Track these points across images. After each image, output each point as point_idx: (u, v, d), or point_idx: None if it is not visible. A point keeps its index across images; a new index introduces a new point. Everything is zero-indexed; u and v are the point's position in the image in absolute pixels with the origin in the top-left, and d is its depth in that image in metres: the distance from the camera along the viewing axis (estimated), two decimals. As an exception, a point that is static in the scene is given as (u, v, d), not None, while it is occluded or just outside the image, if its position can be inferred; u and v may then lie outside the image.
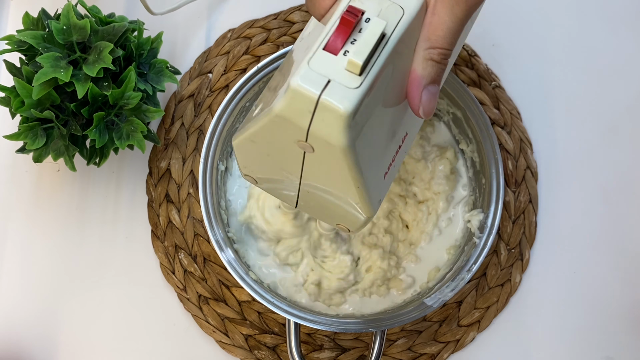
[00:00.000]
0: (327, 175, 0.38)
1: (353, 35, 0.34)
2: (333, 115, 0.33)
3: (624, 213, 0.60)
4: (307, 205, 0.43)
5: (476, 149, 0.56)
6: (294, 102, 0.33)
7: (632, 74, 0.63)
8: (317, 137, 0.34)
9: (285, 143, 0.36)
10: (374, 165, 0.38)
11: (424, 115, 0.36)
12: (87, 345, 0.58)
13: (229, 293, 0.58)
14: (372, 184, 0.38)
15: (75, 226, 0.59)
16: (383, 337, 0.52)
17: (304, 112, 0.33)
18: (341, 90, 0.33)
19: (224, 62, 0.61)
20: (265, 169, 0.41)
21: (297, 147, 0.36)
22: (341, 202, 0.39)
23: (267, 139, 0.37)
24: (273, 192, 0.44)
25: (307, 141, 0.35)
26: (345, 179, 0.36)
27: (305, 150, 0.36)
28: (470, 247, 0.54)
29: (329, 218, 0.44)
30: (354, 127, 0.33)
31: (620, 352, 0.58)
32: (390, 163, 0.40)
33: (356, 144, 0.34)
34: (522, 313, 0.59)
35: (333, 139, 0.33)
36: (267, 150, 0.38)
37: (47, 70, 0.48)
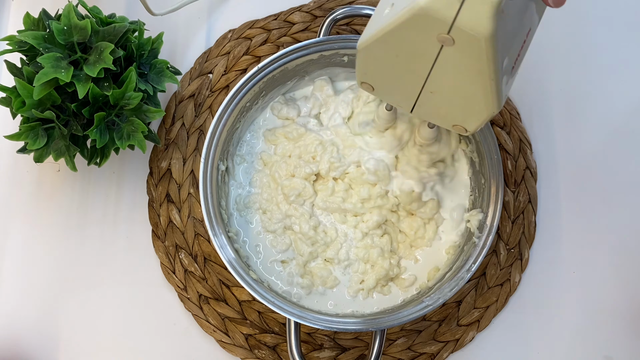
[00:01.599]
0: (462, 69, 0.38)
1: None
2: (484, 2, 0.33)
3: (623, 213, 0.60)
4: (424, 108, 0.43)
5: (476, 149, 0.56)
6: None
7: (632, 73, 0.63)
8: (463, 26, 0.34)
9: (421, 39, 0.36)
10: (506, 57, 0.38)
11: (554, 4, 0.37)
12: (87, 345, 0.58)
13: (230, 293, 0.58)
14: (502, 77, 0.39)
15: (75, 226, 0.59)
16: (383, 337, 0.52)
17: (452, 1, 0.34)
18: None
19: (224, 63, 0.61)
20: (389, 71, 0.41)
21: (436, 41, 0.36)
22: (467, 98, 0.40)
23: (402, 37, 0.37)
24: (389, 98, 0.45)
25: (450, 33, 0.35)
26: (481, 71, 0.37)
27: (444, 44, 0.36)
28: (469, 247, 0.54)
29: (446, 119, 0.44)
30: (500, 16, 0.34)
31: (620, 351, 0.58)
32: (517, 57, 0.41)
33: (499, 34, 0.35)
34: (522, 313, 0.59)
35: (481, 27, 0.34)
36: (398, 50, 0.39)
37: (48, 70, 0.48)
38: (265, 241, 0.57)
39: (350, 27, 0.62)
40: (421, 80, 0.40)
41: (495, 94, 0.39)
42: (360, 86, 0.44)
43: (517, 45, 0.40)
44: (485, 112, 0.41)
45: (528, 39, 0.42)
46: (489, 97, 0.39)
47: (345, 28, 0.62)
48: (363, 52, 0.40)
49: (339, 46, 0.55)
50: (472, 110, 0.41)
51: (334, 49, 0.55)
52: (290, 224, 0.57)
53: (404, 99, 0.44)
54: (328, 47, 0.55)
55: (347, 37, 0.55)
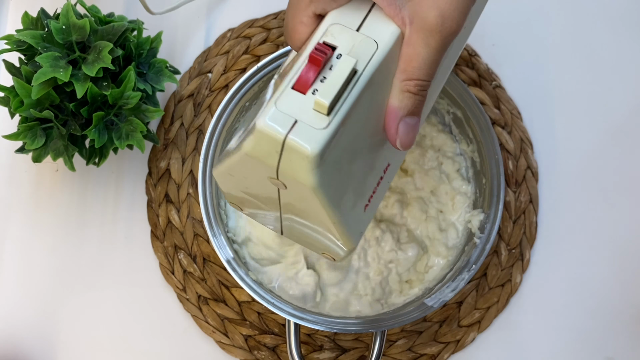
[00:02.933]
0: (304, 210, 0.37)
1: (323, 73, 0.33)
2: (300, 156, 0.32)
3: (624, 213, 0.60)
4: (291, 234, 0.43)
5: (476, 149, 0.56)
6: (261, 142, 0.33)
7: (632, 73, 0.63)
8: (287, 176, 0.33)
9: (259, 178, 0.36)
10: (351, 199, 0.37)
11: (402, 147, 0.36)
12: (87, 345, 0.57)
13: (229, 293, 0.58)
14: (351, 218, 0.37)
15: (74, 226, 0.59)
16: (383, 338, 0.52)
17: (271, 152, 0.33)
18: (308, 131, 0.32)
19: (223, 62, 0.61)
20: (247, 198, 0.41)
21: (271, 183, 0.35)
22: (321, 235, 0.39)
23: (242, 174, 0.37)
24: (258, 220, 0.44)
25: (278, 179, 0.34)
26: (320, 215, 0.36)
27: (278, 187, 0.35)
28: (470, 248, 0.54)
29: (314, 248, 0.43)
30: (324, 167, 0.33)
31: (621, 352, 0.58)
32: (370, 195, 0.39)
33: (328, 181, 0.34)
34: (523, 313, 0.58)
35: (301, 179, 0.33)
36: (245, 183, 0.38)
37: (47, 70, 0.48)
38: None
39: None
40: (277, 211, 0.40)
41: (344, 235, 0.37)
42: (231, 205, 0.43)
43: (371, 184, 0.39)
44: (341, 248, 0.40)
45: (387, 174, 0.41)
46: (338, 238, 0.38)
47: (345, 27, 0.62)
48: (217, 178, 0.40)
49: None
50: (331, 243, 0.40)
51: (334, 48, 0.55)
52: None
53: (271, 223, 0.43)
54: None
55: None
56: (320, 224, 0.37)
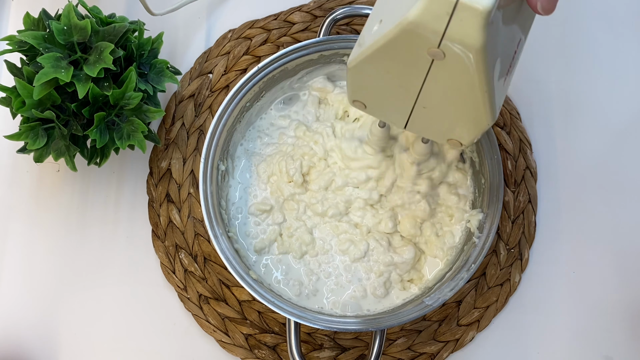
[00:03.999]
0: (454, 83, 0.37)
1: None
2: (473, 14, 0.33)
3: (623, 213, 0.60)
4: (417, 123, 0.43)
5: (475, 149, 0.56)
6: (432, 5, 0.33)
7: (632, 73, 0.63)
8: (453, 39, 0.34)
9: (412, 54, 0.36)
10: (499, 68, 0.38)
11: (543, 10, 0.36)
12: (88, 345, 0.58)
13: (230, 292, 0.58)
14: (496, 88, 0.38)
15: (75, 226, 0.59)
16: (383, 337, 0.52)
17: (441, 15, 0.33)
18: None
19: (224, 63, 0.61)
20: (381, 89, 0.41)
21: (427, 55, 0.35)
22: (461, 111, 0.39)
23: (392, 53, 0.37)
24: (381, 115, 0.44)
25: (440, 47, 0.34)
26: (473, 84, 0.36)
27: (435, 58, 0.36)
28: (469, 247, 0.54)
29: (441, 134, 0.43)
30: (490, 27, 0.33)
31: (620, 352, 0.58)
32: (508, 68, 0.40)
33: (490, 45, 0.34)
34: (522, 313, 0.59)
35: (471, 39, 0.33)
36: (388, 66, 0.38)
37: (48, 70, 0.48)
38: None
39: (350, 27, 0.62)
40: (413, 96, 0.40)
41: (488, 106, 0.38)
42: (352, 104, 0.44)
43: (509, 56, 0.40)
44: (479, 124, 0.40)
45: (519, 49, 0.41)
46: (482, 109, 0.39)
47: (345, 28, 0.62)
48: (353, 70, 0.40)
49: (338, 46, 0.55)
50: (466, 123, 0.41)
51: (334, 49, 0.55)
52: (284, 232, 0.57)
53: (396, 116, 0.43)
54: (328, 47, 0.55)
55: (347, 37, 0.55)
56: (469, 95, 0.38)
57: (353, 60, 0.39)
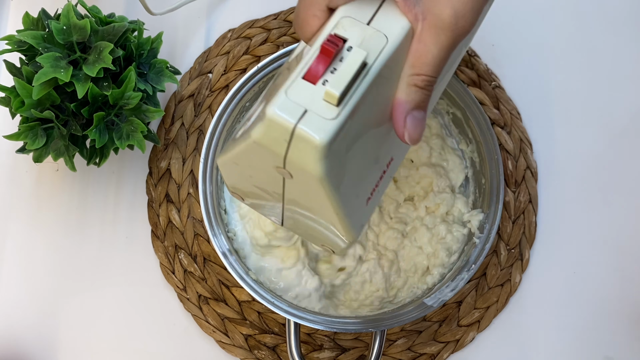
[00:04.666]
0: (307, 201, 0.37)
1: (333, 64, 0.33)
2: (308, 146, 0.32)
3: (623, 213, 0.60)
4: (292, 225, 0.43)
5: (476, 149, 0.56)
6: (270, 130, 0.33)
7: (632, 73, 0.63)
8: (294, 165, 0.34)
9: (265, 167, 0.36)
10: (355, 191, 0.37)
11: (410, 141, 0.36)
12: (87, 345, 0.58)
13: (229, 293, 0.58)
14: (354, 210, 0.38)
15: (75, 226, 0.59)
16: (383, 337, 0.52)
17: (280, 140, 0.33)
18: (317, 121, 0.32)
19: (224, 62, 0.61)
20: (250, 189, 0.41)
21: (276, 172, 0.35)
22: (322, 227, 0.39)
23: (247, 163, 0.37)
24: (259, 210, 0.44)
25: (285, 168, 0.34)
26: (324, 206, 0.36)
27: (284, 176, 0.35)
28: (470, 247, 0.54)
29: (314, 239, 0.44)
30: (331, 157, 0.33)
31: (620, 352, 0.58)
32: (373, 188, 0.40)
33: (334, 172, 0.34)
34: (522, 313, 0.59)
35: (309, 168, 0.33)
36: (249, 172, 0.38)
37: (47, 70, 0.48)
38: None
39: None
40: (279, 202, 0.40)
41: (346, 227, 0.38)
42: (232, 195, 0.44)
43: (374, 177, 0.40)
44: (342, 240, 0.40)
45: (390, 168, 0.41)
46: (340, 229, 0.38)
47: (345, 28, 0.62)
48: (221, 167, 0.40)
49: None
50: (332, 235, 0.40)
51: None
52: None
53: (272, 213, 0.43)
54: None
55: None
56: (323, 215, 0.38)
57: (219, 159, 0.39)
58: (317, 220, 0.39)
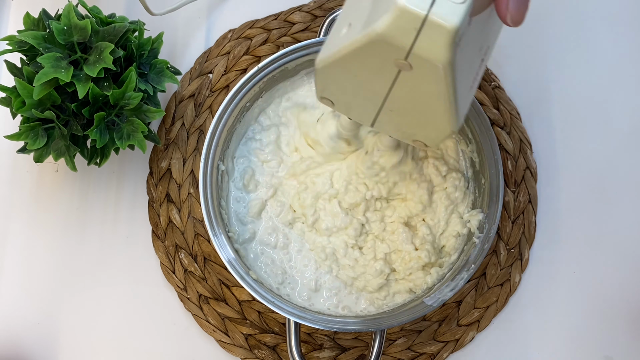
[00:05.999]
0: (420, 92, 0.37)
1: None
2: (440, 32, 0.33)
3: (623, 213, 0.60)
4: (384, 123, 0.43)
5: (476, 149, 0.56)
6: (400, 20, 0.33)
7: (632, 73, 0.63)
8: (420, 54, 0.34)
9: (379, 63, 0.36)
10: (465, 78, 0.38)
11: (513, 23, 0.36)
12: (87, 345, 0.58)
13: (229, 292, 0.58)
14: (462, 98, 0.38)
15: (75, 226, 0.59)
16: (383, 337, 0.52)
17: (409, 30, 0.33)
18: (448, 7, 0.32)
19: (224, 63, 0.61)
20: (349, 89, 0.41)
21: (394, 65, 0.35)
22: (426, 117, 0.39)
23: (359, 60, 0.37)
24: (349, 112, 0.44)
25: (407, 59, 0.34)
26: (439, 95, 0.36)
27: (402, 69, 0.36)
28: (469, 247, 0.54)
29: (407, 134, 0.43)
30: (457, 45, 0.33)
31: (620, 352, 0.58)
32: (474, 76, 0.40)
33: (456, 62, 0.34)
34: (522, 313, 0.59)
35: (438, 55, 0.33)
36: (356, 71, 0.38)
37: (48, 70, 0.48)
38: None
39: (350, 27, 0.62)
40: (380, 99, 0.40)
41: (454, 115, 0.39)
42: (320, 101, 0.44)
43: (475, 65, 0.40)
44: (444, 130, 0.41)
45: (486, 56, 0.41)
46: (447, 117, 0.39)
47: (345, 28, 0.62)
48: (321, 71, 0.40)
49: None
50: (432, 128, 0.41)
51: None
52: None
53: (364, 114, 0.43)
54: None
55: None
56: (434, 106, 0.38)
57: (320, 62, 0.39)
58: (423, 112, 0.39)
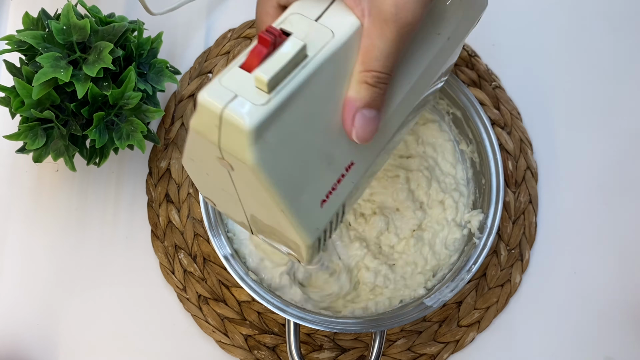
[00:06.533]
0: (254, 197, 0.36)
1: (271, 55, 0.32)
2: (236, 130, 0.31)
3: (624, 213, 0.60)
4: (260, 232, 0.41)
5: (476, 149, 0.56)
6: (202, 115, 0.32)
7: (632, 73, 0.63)
8: (229, 153, 0.33)
9: (211, 160, 0.35)
10: (304, 190, 0.36)
11: (358, 139, 0.35)
12: (87, 345, 0.58)
13: (229, 293, 0.58)
14: (304, 210, 0.36)
15: (75, 226, 0.59)
16: (383, 338, 0.52)
17: (211, 126, 0.32)
18: (246, 106, 0.31)
19: (224, 62, 0.61)
20: (212, 189, 0.40)
21: (220, 165, 0.34)
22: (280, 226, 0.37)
23: (198, 156, 0.36)
24: (230, 216, 0.43)
25: (224, 158, 0.33)
26: (266, 200, 0.35)
27: (227, 168, 0.34)
28: (470, 248, 0.54)
29: (281, 247, 0.42)
30: (264, 145, 0.32)
31: (620, 352, 0.58)
32: (329, 191, 0.38)
33: (271, 163, 0.33)
34: (522, 313, 0.59)
35: (240, 155, 0.32)
36: (205, 168, 0.37)
37: (47, 70, 0.48)
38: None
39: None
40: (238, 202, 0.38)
41: (296, 226, 0.36)
42: (205, 199, 0.42)
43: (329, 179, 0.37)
44: (298, 244, 0.38)
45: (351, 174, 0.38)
46: (288, 228, 0.37)
47: (345, 28, 0.62)
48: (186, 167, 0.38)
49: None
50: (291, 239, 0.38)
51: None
52: None
53: (241, 220, 0.42)
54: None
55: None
56: (270, 212, 0.36)
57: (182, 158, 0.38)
58: (272, 222, 0.37)
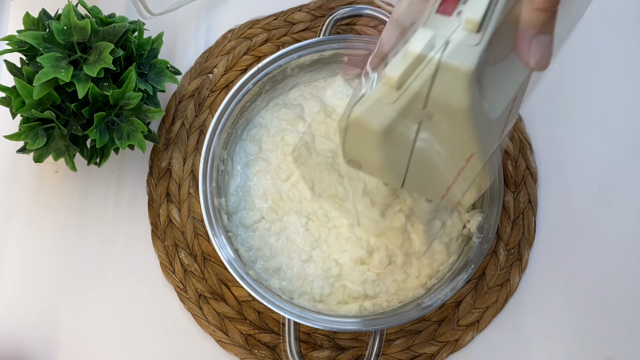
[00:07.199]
0: (444, 143, 0.36)
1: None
2: (455, 75, 0.32)
3: (623, 213, 0.60)
4: (414, 182, 0.41)
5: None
6: (413, 67, 0.32)
7: (632, 73, 0.63)
8: (437, 101, 0.33)
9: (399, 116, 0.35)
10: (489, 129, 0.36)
11: (537, 67, 0.35)
12: (87, 344, 0.58)
13: (229, 292, 0.58)
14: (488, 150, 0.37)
15: (75, 226, 0.59)
16: (382, 337, 0.52)
17: (423, 77, 0.32)
18: (462, 49, 0.32)
19: (224, 62, 0.61)
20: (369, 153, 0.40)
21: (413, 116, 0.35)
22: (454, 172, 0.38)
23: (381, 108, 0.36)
24: (377, 174, 0.43)
25: (426, 108, 0.34)
26: (463, 145, 0.35)
27: (422, 119, 0.35)
28: (469, 248, 0.54)
29: (438, 193, 0.42)
30: (475, 87, 0.32)
31: (620, 352, 0.58)
32: (502, 128, 0.39)
33: (477, 104, 0.33)
34: (521, 313, 0.59)
35: (455, 100, 0.32)
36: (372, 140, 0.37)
37: (48, 70, 0.48)
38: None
39: (351, 27, 0.62)
40: (407, 155, 0.39)
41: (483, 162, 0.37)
42: (347, 164, 0.42)
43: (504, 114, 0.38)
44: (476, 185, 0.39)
45: (515, 106, 0.40)
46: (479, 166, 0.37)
47: (345, 28, 0.62)
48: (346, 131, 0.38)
49: (339, 46, 0.55)
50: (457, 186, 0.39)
51: (334, 49, 0.55)
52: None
53: (392, 175, 0.42)
54: (328, 47, 0.55)
55: (347, 36, 0.55)
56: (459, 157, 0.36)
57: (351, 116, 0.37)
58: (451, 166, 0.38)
